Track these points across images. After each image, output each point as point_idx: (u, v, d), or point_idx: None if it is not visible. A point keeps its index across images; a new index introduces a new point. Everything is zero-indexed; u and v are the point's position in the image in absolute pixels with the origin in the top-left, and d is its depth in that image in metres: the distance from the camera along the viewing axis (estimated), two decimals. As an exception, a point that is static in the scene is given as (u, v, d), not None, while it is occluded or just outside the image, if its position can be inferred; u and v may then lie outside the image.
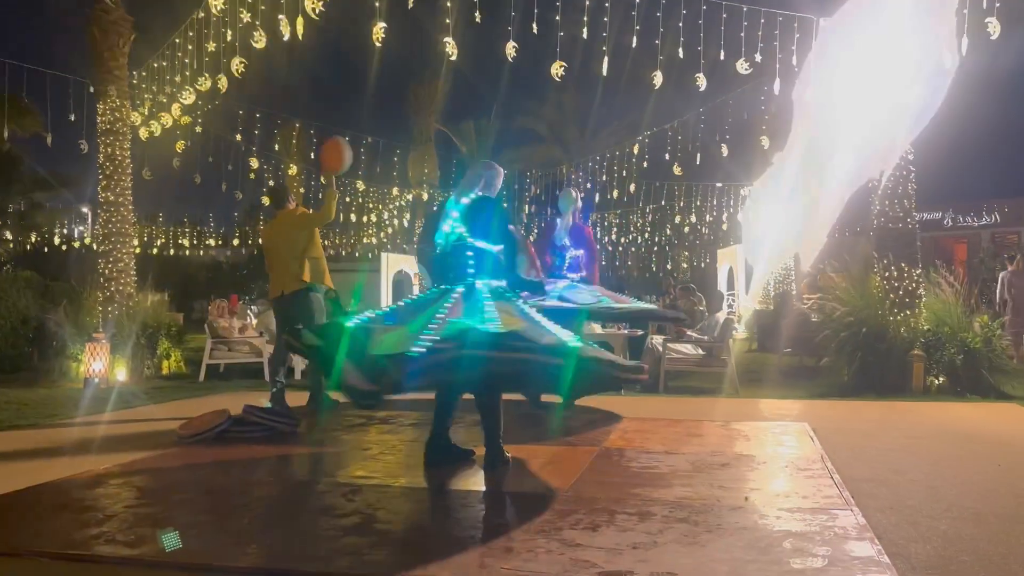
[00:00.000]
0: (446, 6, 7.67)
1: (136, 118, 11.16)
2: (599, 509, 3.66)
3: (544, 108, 27.03)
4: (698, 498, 3.87)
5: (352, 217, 21.82)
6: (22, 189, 24.19)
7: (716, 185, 21.01)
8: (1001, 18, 6.89)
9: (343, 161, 7.03)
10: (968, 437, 5.80)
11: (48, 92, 10.81)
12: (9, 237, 23.38)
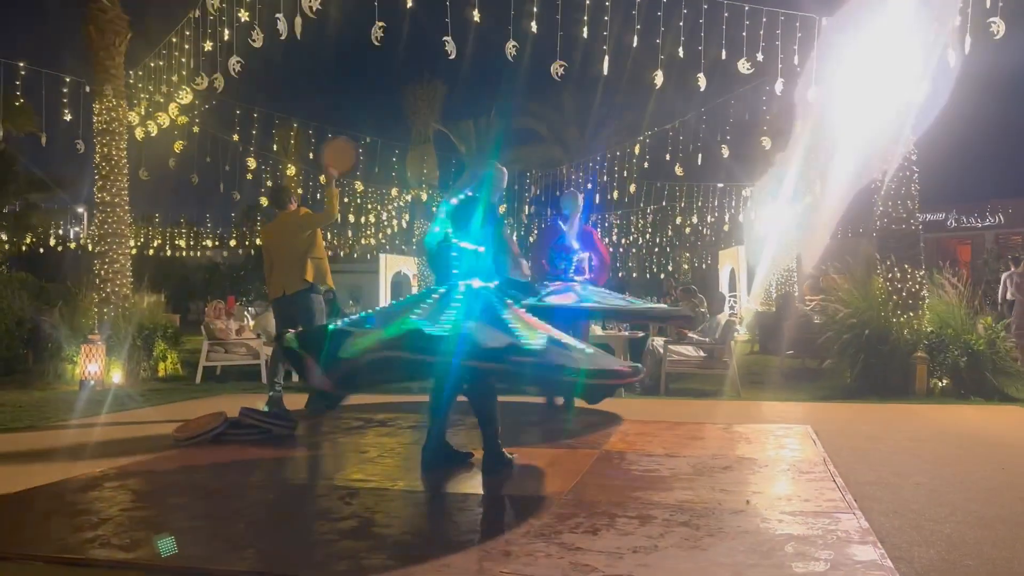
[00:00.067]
0: (446, 5, 7.63)
1: (133, 118, 11.12)
2: (599, 512, 3.64)
3: (544, 108, 27.03)
4: (699, 501, 3.84)
5: (351, 218, 21.79)
6: (17, 190, 24.13)
7: (717, 186, 20.98)
8: (1005, 17, 6.85)
9: (350, 163, 7.14)
10: (972, 440, 5.77)
11: (43, 91, 10.75)
12: (4, 238, 23.31)
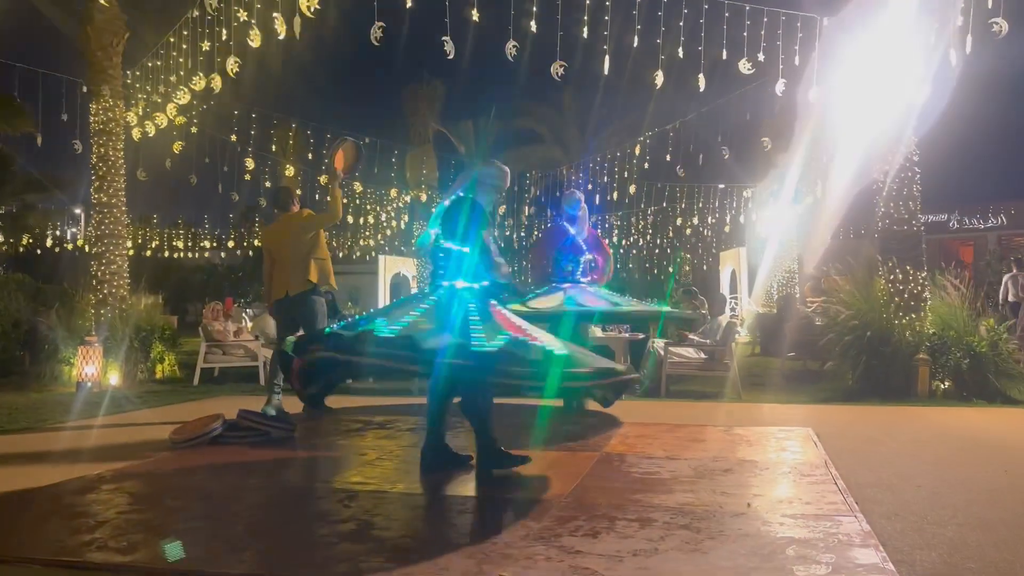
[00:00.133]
0: (445, 5, 7.61)
1: (130, 118, 11.09)
2: (599, 515, 3.62)
3: (544, 108, 27.01)
4: (700, 504, 3.82)
5: (349, 219, 21.78)
6: (14, 190, 24.09)
7: (718, 186, 20.96)
8: (1008, 17, 6.82)
9: (356, 166, 7.23)
10: (974, 442, 5.77)
11: (40, 92, 10.73)
12: (0, 239, 23.30)
